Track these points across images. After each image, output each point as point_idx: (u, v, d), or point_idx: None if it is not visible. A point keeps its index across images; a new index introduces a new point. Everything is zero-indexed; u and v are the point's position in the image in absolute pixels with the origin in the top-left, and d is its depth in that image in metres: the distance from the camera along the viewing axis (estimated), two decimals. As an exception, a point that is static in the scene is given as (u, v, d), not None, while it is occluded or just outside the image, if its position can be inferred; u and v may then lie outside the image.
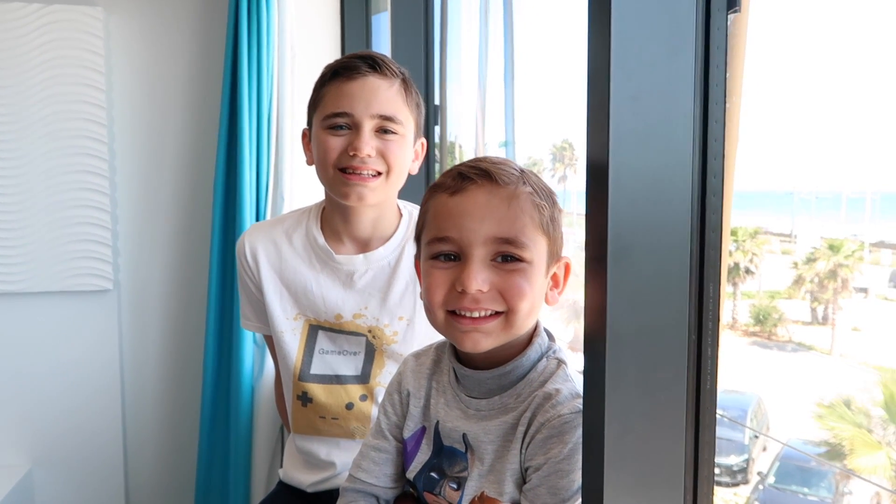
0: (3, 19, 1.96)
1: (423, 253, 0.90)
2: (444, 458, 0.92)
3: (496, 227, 0.83)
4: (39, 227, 2.03)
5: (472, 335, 0.84)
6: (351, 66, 1.21)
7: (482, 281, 0.83)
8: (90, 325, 2.11)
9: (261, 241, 1.32)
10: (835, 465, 3.11)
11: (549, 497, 0.82)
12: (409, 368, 1.00)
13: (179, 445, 2.21)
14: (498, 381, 0.89)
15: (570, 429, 0.83)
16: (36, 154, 2.01)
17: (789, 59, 4.28)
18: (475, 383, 0.90)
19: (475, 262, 0.83)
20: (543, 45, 2.05)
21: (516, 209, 0.84)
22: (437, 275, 0.86)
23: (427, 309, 0.89)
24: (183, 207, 2.17)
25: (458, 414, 0.91)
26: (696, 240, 0.65)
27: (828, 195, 3.91)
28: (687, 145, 0.64)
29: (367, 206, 1.23)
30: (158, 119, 2.14)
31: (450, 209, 0.85)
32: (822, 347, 3.81)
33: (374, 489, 0.99)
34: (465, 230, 0.83)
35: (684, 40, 0.63)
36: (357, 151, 1.18)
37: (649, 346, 0.65)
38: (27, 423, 2.10)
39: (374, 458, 0.99)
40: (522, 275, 0.84)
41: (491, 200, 0.84)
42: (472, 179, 0.85)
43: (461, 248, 0.84)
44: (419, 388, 0.97)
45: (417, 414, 0.96)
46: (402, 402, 0.99)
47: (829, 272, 3.90)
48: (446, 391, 0.94)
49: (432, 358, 0.99)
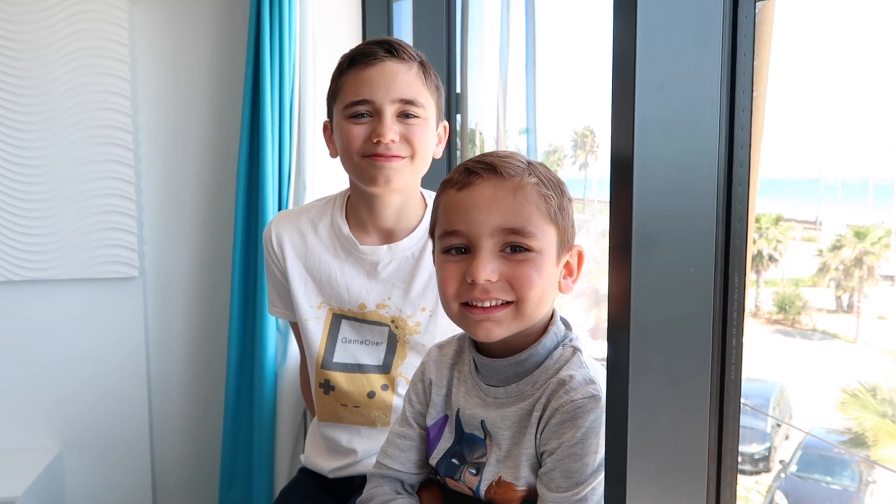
0: (29, 10, 1.98)
1: (436, 247, 0.93)
2: (464, 444, 0.94)
3: (502, 217, 0.85)
4: (66, 215, 2.06)
5: (484, 324, 0.87)
6: (368, 53, 1.20)
7: (490, 271, 0.85)
8: (116, 312, 2.15)
9: (286, 229, 1.33)
10: (858, 454, 3.07)
11: (563, 480, 0.84)
12: (433, 358, 1.02)
13: (204, 430, 2.24)
14: (514, 369, 0.91)
15: (583, 413, 0.84)
16: (62, 144, 2.04)
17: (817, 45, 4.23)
18: (493, 372, 0.92)
19: (483, 254, 0.86)
20: (565, 31, 2.03)
21: (522, 200, 0.86)
22: (448, 268, 0.89)
23: (442, 302, 0.91)
24: (206, 196, 2.19)
25: (478, 402, 0.93)
26: (722, 229, 0.65)
27: (854, 182, 3.84)
28: (713, 134, 0.63)
29: (393, 189, 1.23)
30: (182, 108, 2.16)
31: (457, 203, 0.88)
32: (847, 336, 3.75)
33: (400, 475, 1.01)
34: (473, 223, 0.86)
35: (712, 28, 0.62)
36: (381, 138, 1.18)
37: (673, 336, 0.65)
38: (57, 407, 2.14)
39: (400, 445, 1.01)
40: (531, 264, 0.86)
41: (497, 193, 0.86)
42: (477, 174, 0.88)
43: (470, 241, 0.87)
44: (441, 378, 0.99)
45: (440, 402, 0.99)
46: (425, 391, 1.01)
47: (854, 260, 3.83)
48: (467, 380, 0.96)
49: (454, 348, 1.01)
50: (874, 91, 3.67)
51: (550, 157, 3.23)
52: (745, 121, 0.65)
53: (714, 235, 0.64)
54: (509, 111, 2.13)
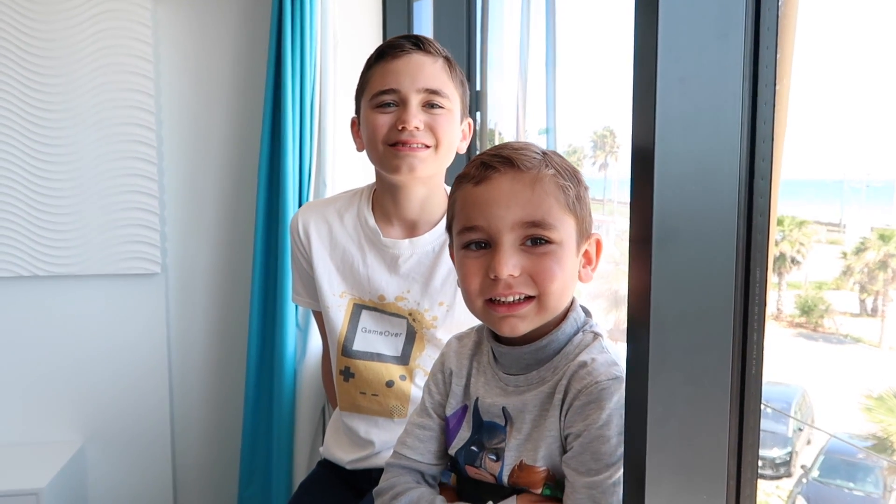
0: (56, 10, 2.02)
1: (456, 243, 0.92)
2: (483, 432, 0.94)
3: (522, 211, 0.85)
4: (91, 211, 2.09)
5: (509, 321, 0.87)
6: (395, 45, 1.23)
7: (513, 266, 0.85)
8: (139, 308, 2.17)
9: (313, 218, 1.36)
10: (882, 459, 3.03)
11: (594, 463, 0.84)
12: (452, 350, 1.03)
13: (224, 425, 2.26)
14: (535, 356, 0.91)
15: (608, 395, 0.84)
16: (87, 141, 2.07)
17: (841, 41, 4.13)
18: (513, 360, 0.92)
19: (505, 248, 0.85)
20: (586, 31, 2.02)
21: (540, 192, 0.86)
22: (469, 264, 0.89)
23: (465, 298, 0.91)
24: (228, 193, 2.21)
25: (498, 391, 0.94)
26: (744, 223, 0.65)
27: (879, 184, 3.77)
28: (735, 128, 0.63)
29: (416, 178, 1.25)
30: (204, 106, 2.18)
31: (475, 198, 0.88)
32: (871, 339, 3.70)
33: (419, 465, 1.01)
34: (493, 218, 0.86)
35: (734, 21, 0.62)
36: (406, 125, 1.20)
37: (693, 331, 0.64)
38: (80, 401, 2.17)
39: (419, 436, 1.01)
40: (552, 257, 0.86)
41: (514, 186, 0.86)
42: (494, 168, 0.87)
43: (490, 236, 0.86)
44: (461, 368, 1.00)
45: (459, 393, 0.99)
46: (445, 381, 1.01)
47: (879, 262, 3.78)
48: (486, 371, 0.96)
49: (474, 339, 1.01)
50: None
51: (570, 158, 3.23)
52: (768, 114, 0.64)
53: (735, 229, 0.63)
54: (529, 111, 2.13)
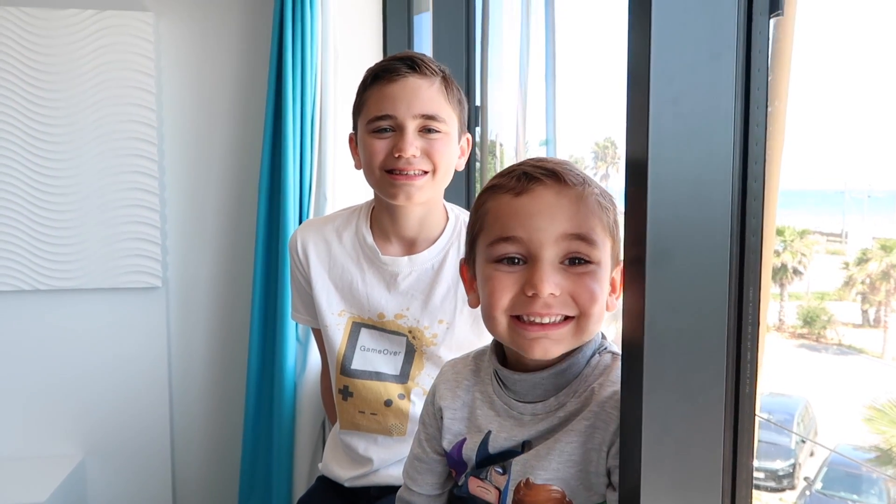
0: (59, 25, 2.04)
1: (482, 256, 0.86)
2: (495, 458, 0.89)
3: (567, 223, 0.80)
4: (92, 225, 2.10)
5: (541, 342, 0.81)
6: (390, 69, 1.23)
7: (555, 284, 0.79)
8: (140, 322, 2.18)
9: (312, 237, 1.36)
10: (886, 472, 3.01)
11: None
12: (444, 380, 0.97)
13: (224, 439, 2.26)
14: (554, 381, 0.85)
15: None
16: (89, 155, 2.08)
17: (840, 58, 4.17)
18: (529, 387, 0.86)
19: (546, 264, 0.80)
20: (585, 42, 2.03)
21: (585, 209, 0.81)
22: (501, 278, 0.82)
23: (487, 315, 0.84)
24: (229, 207, 2.22)
25: (512, 423, 0.88)
26: (736, 243, 0.65)
27: (881, 194, 3.77)
28: (727, 148, 0.63)
29: (414, 204, 1.25)
30: (206, 121, 2.19)
31: (516, 209, 0.82)
32: (874, 350, 3.69)
33: (420, 498, 1.01)
34: (535, 230, 0.80)
35: (725, 43, 0.62)
36: (402, 152, 1.20)
37: (688, 350, 0.65)
38: (80, 415, 2.17)
39: (417, 468, 1.01)
40: (593, 277, 0.81)
41: (560, 200, 0.81)
42: (538, 179, 0.82)
43: (529, 250, 0.81)
44: (455, 400, 0.94)
45: (455, 428, 0.94)
46: (435, 416, 0.97)
47: (881, 273, 3.77)
48: (494, 402, 0.90)
49: (471, 368, 0.96)
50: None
51: (571, 169, 3.22)
52: (760, 135, 0.65)
53: (728, 250, 0.64)
54: (529, 122, 2.14)
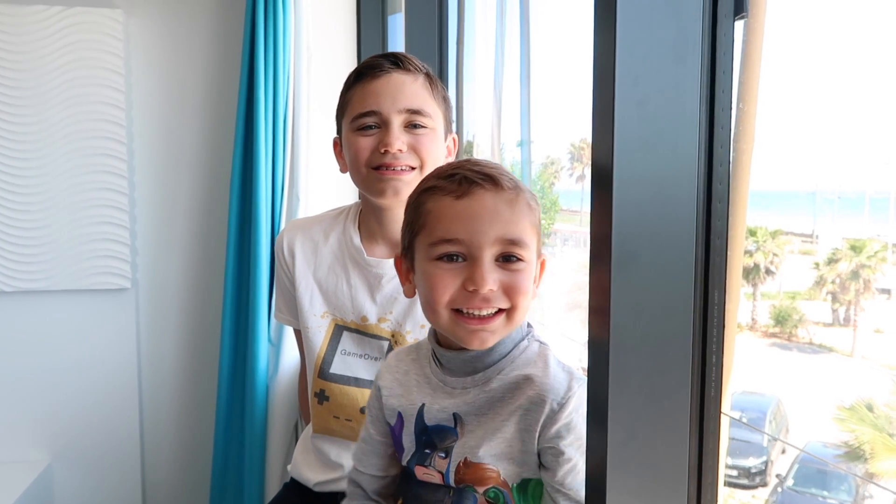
0: (25, 22, 1.99)
1: (422, 253, 0.93)
2: (432, 434, 0.96)
3: (503, 229, 0.88)
4: (60, 226, 2.06)
5: (479, 334, 0.89)
6: (374, 65, 1.22)
7: (493, 281, 0.87)
8: (109, 323, 2.14)
9: (298, 237, 1.34)
10: (854, 469, 3.06)
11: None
12: (386, 366, 1.06)
13: (195, 442, 2.23)
14: (482, 360, 0.94)
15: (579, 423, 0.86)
16: (57, 154, 2.04)
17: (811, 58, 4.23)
18: (459, 364, 0.95)
19: (486, 263, 0.88)
20: (561, 43, 2.03)
21: (518, 212, 0.89)
22: (443, 275, 0.89)
23: (430, 308, 0.92)
24: (200, 207, 2.20)
25: (443, 395, 0.96)
26: (702, 246, 0.65)
27: (851, 195, 3.83)
28: (692, 151, 0.63)
29: (401, 201, 1.24)
30: (176, 120, 2.16)
31: (457, 212, 0.89)
32: (844, 349, 3.74)
33: (366, 478, 1.07)
34: (475, 232, 0.88)
35: (690, 46, 0.62)
36: (388, 147, 1.18)
37: (653, 353, 0.65)
38: (47, 419, 2.13)
39: (364, 450, 1.07)
40: (524, 273, 0.89)
41: (497, 203, 0.89)
42: (477, 183, 0.89)
43: (470, 250, 0.88)
44: (392, 381, 1.02)
45: (393, 404, 1.01)
46: (377, 398, 1.05)
47: (851, 273, 3.83)
48: (430, 379, 0.99)
49: (412, 357, 1.04)
50: (871, 104, 3.68)
51: (548, 169, 3.23)
52: (725, 138, 0.65)
53: (693, 252, 0.64)
54: (504, 123, 2.13)
